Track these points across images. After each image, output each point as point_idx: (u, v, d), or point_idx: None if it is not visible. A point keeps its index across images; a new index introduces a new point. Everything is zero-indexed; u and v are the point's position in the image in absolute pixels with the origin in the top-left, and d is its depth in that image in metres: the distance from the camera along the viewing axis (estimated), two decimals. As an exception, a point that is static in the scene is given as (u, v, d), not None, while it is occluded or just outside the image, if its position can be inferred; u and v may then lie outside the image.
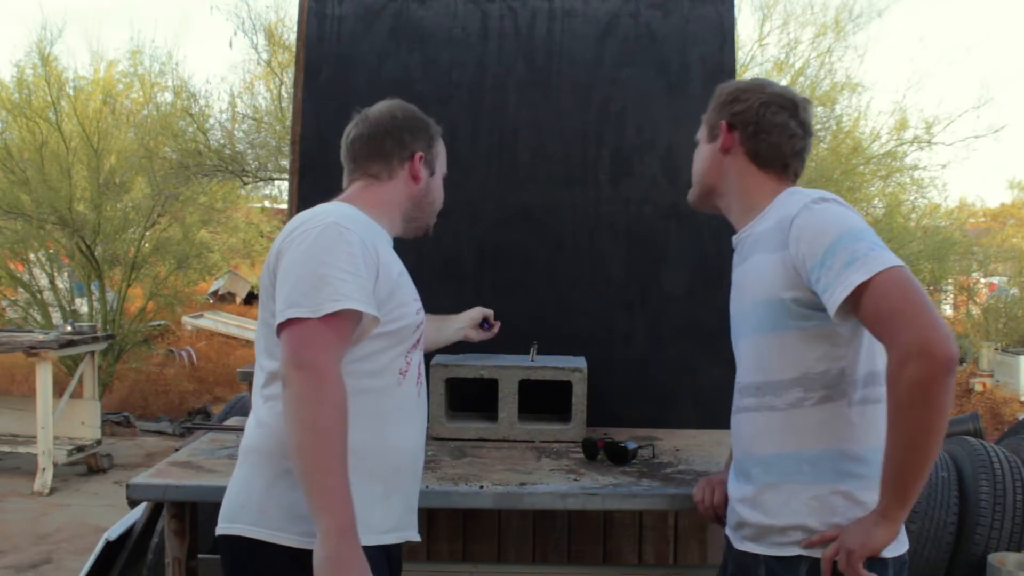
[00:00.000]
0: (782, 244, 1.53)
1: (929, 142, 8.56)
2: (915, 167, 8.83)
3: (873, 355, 1.53)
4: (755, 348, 1.60)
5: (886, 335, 1.38)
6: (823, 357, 1.51)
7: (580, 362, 2.49)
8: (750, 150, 1.67)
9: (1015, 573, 3.40)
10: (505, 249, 2.77)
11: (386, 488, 1.58)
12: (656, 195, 2.75)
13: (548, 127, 2.77)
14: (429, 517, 2.51)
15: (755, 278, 1.59)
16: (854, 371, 1.52)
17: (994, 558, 3.51)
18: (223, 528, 1.57)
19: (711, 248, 2.73)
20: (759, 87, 1.70)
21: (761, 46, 8.42)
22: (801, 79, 8.43)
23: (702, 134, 1.76)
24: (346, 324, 1.46)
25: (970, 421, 4.34)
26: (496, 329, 2.46)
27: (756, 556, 1.57)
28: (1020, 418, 6.40)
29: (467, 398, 2.59)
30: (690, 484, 2.02)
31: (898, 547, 1.51)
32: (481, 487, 1.97)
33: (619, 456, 2.20)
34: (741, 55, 8.12)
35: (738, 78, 2.60)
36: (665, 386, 2.70)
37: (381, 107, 1.77)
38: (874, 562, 1.46)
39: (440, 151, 1.81)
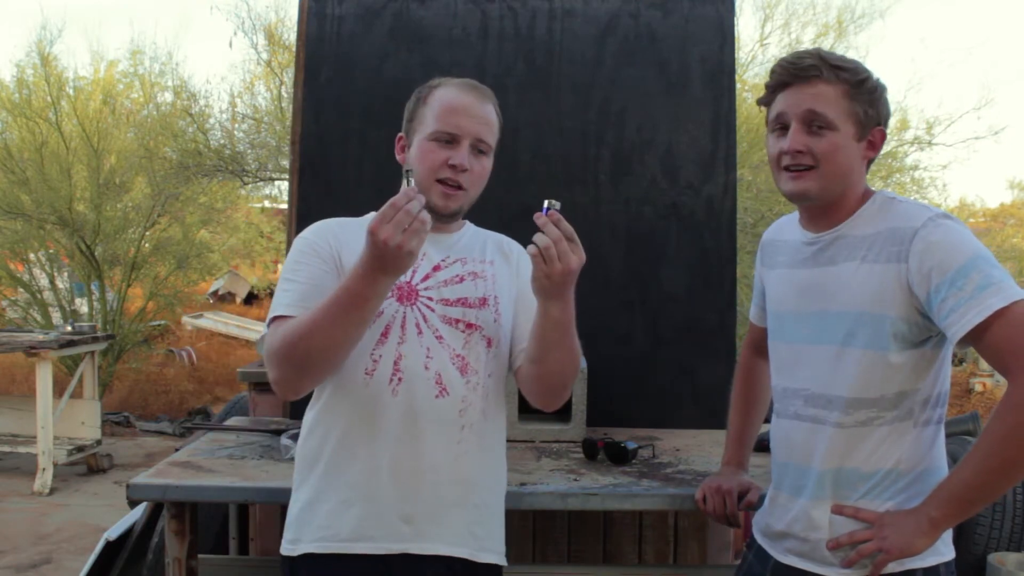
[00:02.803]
0: (897, 256, 1.44)
1: (930, 143, 8.55)
2: (915, 167, 8.83)
3: (944, 378, 1.51)
4: (831, 359, 1.52)
5: (1015, 366, 1.36)
6: (906, 380, 1.48)
7: (580, 362, 2.48)
8: (876, 153, 1.54)
9: (1015, 573, 3.39)
10: (505, 249, 2.76)
11: (351, 492, 1.54)
12: (656, 195, 2.75)
13: (548, 127, 2.77)
14: (429, 517, 2.51)
15: (852, 288, 1.49)
16: (926, 394, 1.49)
17: (994, 558, 3.51)
18: None
19: (711, 248, 2.73)
20: (882, 84, 1.52)
21: (762, 46, 8.42)
22: (801, 79, 8.40)
23: (843, 124, 1.48)
24: (281, 322, 1.51)
25: (970, 421, 4.33)
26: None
27: (803, 572, 1.55)
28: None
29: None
30: (690, 484, 2.02)
31: (950, 552, 1.51)
32: (481, 487, 1.97)
33: (619, 456, 2.20)
34: (742, 55, 8.11)
35: (740, 78, 2.51)
36: (665, 386, 2.70)
37: None
38: (928, 570, 1.47)
39: (423, 114, 1.60)
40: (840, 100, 1.47)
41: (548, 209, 1.44)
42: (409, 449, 1.55)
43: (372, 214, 1.66)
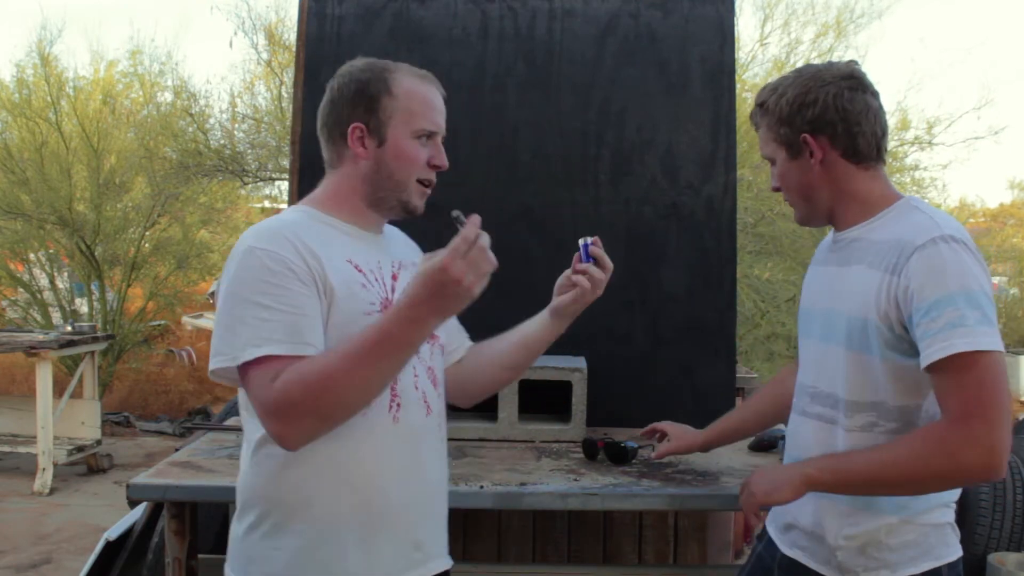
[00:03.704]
0: (893, 268, 1.44)
1: (930, 143, 8.55)
2: (915, 167, 8.83)
3: None
4: (834, 358, 1.54)
5: (957, 411, 1.36)
6: (903, 392, 1.47)
7: (580, 362, 2.48)
8: (847, 150, 1.53)
9: (1015, 573, 3.40)
10: (505, 249, 2.73)
11: (364, 531, 1.40)
12: (656, 195, 2.75)
13: (548, 127, 2.77)
14: (429, 517, 2.51)
15: (853, 290, 1.50)
16: (932, 410, 1.48)
17: (994, 558, 3.51)
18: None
19: (711, 248, 2.73)
20: (816, 79, 1.53)
21: (762, 45, 8.42)
22: (801, 79, 8.39)
23: (775, 153, 1.59)
24: (275, 363, 1.28)
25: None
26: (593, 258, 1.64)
27: (806, 568, 1.56)
28: (1020, 418, 6.40)
29: (467, 398, 2.58)
30: (690, 484, 2.03)
31: (952, 553, 1.52)
32: (481, 487, 1.98)
33: (619, 456, 2.20)
34: (742, 55, 8.11)
35: (740, 78, 2.50)
36: (665, 386, 2.70)
37: (337, 74, 1.52)
38: (928, 573, 1.48)
39: (396, 106, 1.46)
40: (768, 135, 1.59)
41: (588, 244, 1.53)
42: (414, 474, 1.46)
43: (292, 210, 1.49)
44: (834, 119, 1.51)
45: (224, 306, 1.34)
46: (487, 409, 2.50)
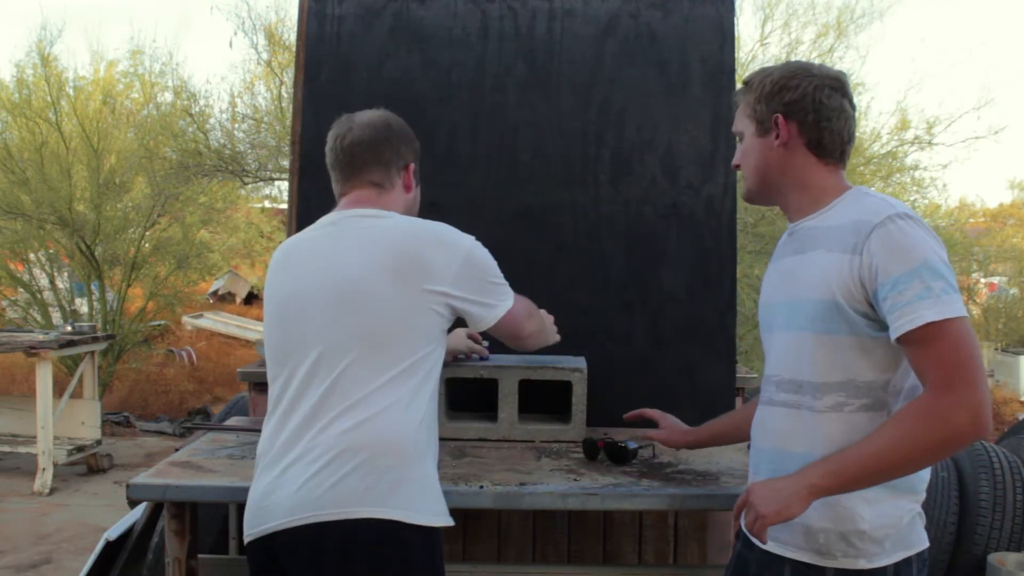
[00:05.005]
0: (854, 248, 1.49)
1: (930, 142, 8.55)
2: (915, 167, 8.82)
3: None
4: (799, 344, 1.56)
5: (939, 379, 1.39)
6: (872, 367, 1.50)
7: (580, 362, 2.48)
8: (811, 140, 1.60)
9: (1015, 573, 3.40)
10: (505, 249, 2.74)
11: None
12: (656, 195, 2.75)
13: (548, 127, 2.77)
14: (429, 517, 2.50)
15: (814, 275, 1.54)
16: (900, 384, 1.51)
17: (994, 558, 3.51)
18: (336, 514, 1.58)
19: (711, 248, 2.73)
20: (804, 70, 1.61)
21: (763, 45, 8.42)
22: (801, 79, 8.38)
23: (746, 128, 1.67)
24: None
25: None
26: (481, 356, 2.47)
27: (782, 559, 1.56)
28: (1020, 418, 6.42)
29: (467, 398, 2.59)
30: (690, 484, 2.03)
31: (921, 542, 1.55)
32: (481, 487, 1.97)
33: (619, 456, 2.20)
34: (742, 55, 8.11)
35: (740, 78, 2.51)
36: (665, 386, 2.70)
37: (372, 115, 1.84)
38: (900, 564, 1.50)
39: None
40: (743, 112, 1.67)
41: None
42: None
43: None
44: (807, 108, 1.59)
45: (489, 273, 1.84)
46: (487, 409, 2.51)
